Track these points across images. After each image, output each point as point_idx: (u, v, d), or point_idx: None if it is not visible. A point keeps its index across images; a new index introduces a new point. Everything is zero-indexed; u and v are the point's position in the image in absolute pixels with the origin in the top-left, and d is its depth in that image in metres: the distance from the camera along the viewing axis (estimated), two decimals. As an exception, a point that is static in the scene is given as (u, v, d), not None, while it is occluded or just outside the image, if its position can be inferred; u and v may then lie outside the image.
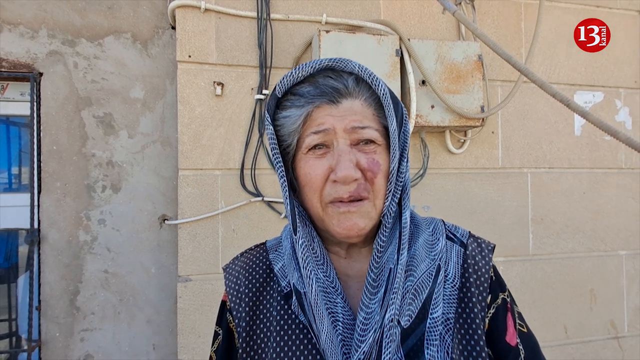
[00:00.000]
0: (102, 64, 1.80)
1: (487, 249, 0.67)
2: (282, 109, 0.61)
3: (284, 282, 0.64)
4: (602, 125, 1.06)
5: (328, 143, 0.59)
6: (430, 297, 0.60)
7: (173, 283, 1.80)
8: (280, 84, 0.60)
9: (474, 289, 0.62)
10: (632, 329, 2.17)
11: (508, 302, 0.66)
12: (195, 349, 1.65)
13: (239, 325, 0.64)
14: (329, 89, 0.59)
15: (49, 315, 1.74)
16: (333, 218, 0.59)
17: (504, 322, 0.64)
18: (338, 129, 0.58)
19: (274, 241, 0.71)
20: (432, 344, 0.57)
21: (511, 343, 0.63)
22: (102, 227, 1.79)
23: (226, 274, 0.70)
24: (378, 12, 1.88)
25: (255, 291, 0.65)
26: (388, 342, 0.55)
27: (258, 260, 0.69)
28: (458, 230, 0.69)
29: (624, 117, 2.20)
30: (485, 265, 0.65)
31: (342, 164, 0.57)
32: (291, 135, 0.61)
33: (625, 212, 2.17)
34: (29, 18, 1.74)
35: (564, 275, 2.07)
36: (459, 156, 1.96)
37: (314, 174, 0.59)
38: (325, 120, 0.58)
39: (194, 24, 1.70)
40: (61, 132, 1.76)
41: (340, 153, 0.58)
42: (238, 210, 1.73)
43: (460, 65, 1.80)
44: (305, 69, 0.59)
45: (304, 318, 0.60)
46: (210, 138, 1.71)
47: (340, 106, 0.58)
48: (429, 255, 0.63)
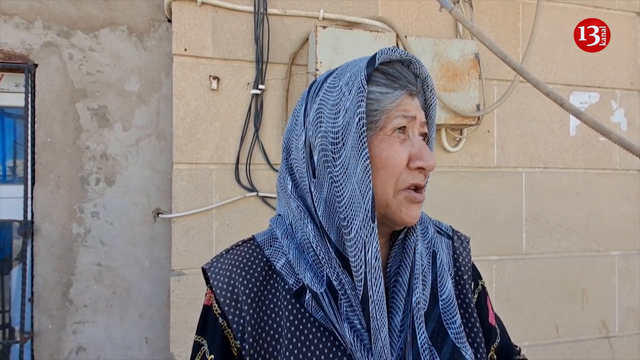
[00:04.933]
0: (97, 56, 1.79)
1: (466, 241, 0.75)
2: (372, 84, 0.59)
3: (291, 280, 0.60)
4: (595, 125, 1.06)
5: (406, 131, 0.60)
6: (436, 281, 0.64)
7: (166, 277, 1.80)
8: (379, 57, 0.59)
9: (465, 276, 0.69)
10: (623, 329, 2.18)
11: (485, 287, 0.74)
12: (187, 343, 1.66)
13: (240, 330, 0.58)
14: (412, 81, 0.61)
15: (41, 307, 1.74)
16: (403, 205, 0.59)
17: (485, 304, 0.72)
18: (418, 119, 0.61)
19: (265, 236, 0.67)
20: (452, 321, 0.61)
21: (492, 323, 0.71)
22: (96, 220, 1.78)
23: (211, 274, 0.62)
24: (376, 9, 1.87)
25: (256, 291, 0.60)
26: (419, 323, 0.58)
27: (252, 257, 0.63)
28: (442, 224, 0.75)
29: (619, 118, 2.20)
30: (467, 255, 0.72)
31: (428, 152, 0.60)
32: (382, 113, 0.58)
33: (619, 212, 2.19)
34: (25, 9, 1.73)
35: (556, 275, 2.09)
36: (454, 154, 1.96)
37: (398, 158, 0.58)
38: (410, 108, 0.60)
39: (190, 17, 1.69)
40: (55, 124, 1.76)
41: (422, 143, 0.61)
42: (232, 205, 1.73)
43: (457, 63, 1.80)
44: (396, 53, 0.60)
45: (319, 317, 0.58)
46: (206, 132, 1.71)
47: (415, 100, 0.62)
48: (424, 243, 0.67)
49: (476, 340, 0.64)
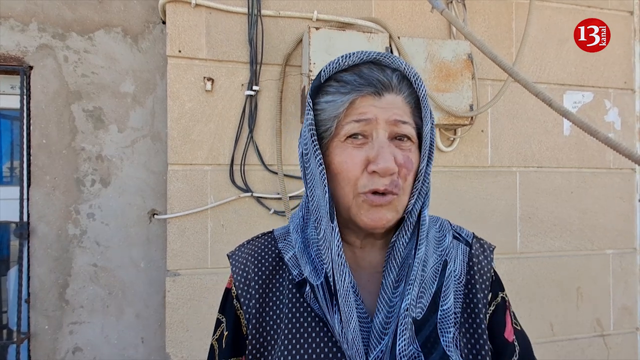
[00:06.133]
0: (92, 58, 1.80)
1: (489, 250, 0.71)
2: (324, 94, 0.62)
3: (295, 271, 0.65)
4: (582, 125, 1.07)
5: (367, 134, 0.60)
6: (440, 290, 0.63)
7: (162, 277, 1.81)
8: (325, 69, 0.61)
9: (478, 286, 0.66)
10: (618, 327, 2.19)
11: (507, 300, 0.70)
12: (183, 343, 1.67)
13: (248, 312, 0.65)
14: (375, 80, 0.60)
15: (38, 308, 1.75)
16: (362, 208, 0.60)
17: (503, 318, 0.67)
18: (380, 120, 0.59)
19: (282, 230, 0.72)
20: (447, 331, 0.60)
21: (508, 339, 0.66)
22: (92, 221, 1.79)
23: (232, 260, 0.70)
24: (369, 10, 1.88)
25: (265, 279, 0.66)
26: (402, 329, 0.58)
27: (267, 249, 0.69)
28: (463, 230, 0.73)
29: (613, 117, 2.21)
30: (487, 265, 0.69)
31: (384, 155, 0.58)
32: (331, 121, 0.61)
33: (613, 211, 2.19)
34: (20, 11, 1.74)
35: (550, 273, 2.09)
36: (449, 154, 1.97)
37: (351, 162, 0.59)
38: (369, 110, 0.59)
39: (184, 19, 1.70)
40: (51, 126, 1.77)
41: (382, 145, 0.59)
42: (227, 206, 1.74)
43: (450, 63, 1.81)
44: (352, 58, 0.60)
45: (316, 308, 0.62)
46: (200, 133, 1.72)
47: (383, 99, 0.60)
48: (437, 251, 0.67)
49: (473, 352, 0.62)
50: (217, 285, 1.70)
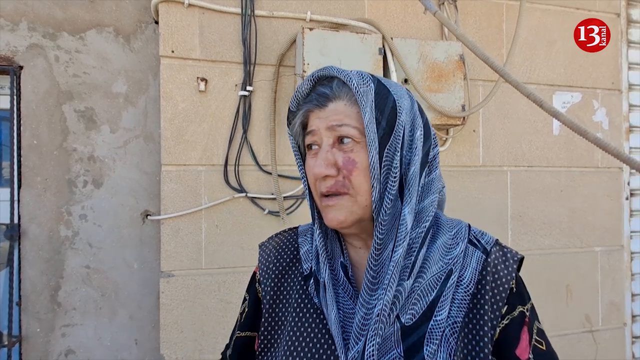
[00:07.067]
0: (83, 58, 1.78)
1: (513, 259, 0.67)
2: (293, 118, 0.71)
3: (306, 265, 0.71)
4: (573, 125, 1.09)
5: (319, 143, 0.65)
6: (438, 300, 0.61)
7: (155, 278, 1.80)
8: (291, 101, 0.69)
9: (488, 297, 0.62)
10: (606, 323, 2.24)
11: (527, 316, 0.64)
12: (177, 344, 1.66)
13: (265, 297, 0.72)
14: (317, 95, 0.65)
15: (29, 310, 1.73)
16: (323, 210, 0.66)
17: (517, 334, 0.63)
18: (322, 129, 0.64)
19: (306, 226, 0.79)
20: (432, 342, 0.59)
21: (521, 357, 0.62)
22: (84, 223, 1.78)
23: (260, 250, 0.78)
24: (362, 11, 1.89)
25: (281, 269, 0.73)
26: (372, 334, 0.58)
27: (288, 242, 0.77)
28: (484, 236, 0.69)
29: (601, 117, 2.25)
30: (507, 275, 0.64)
31: (317, 162, 0.63)
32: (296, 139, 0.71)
33: (601, 210, 2.24)
34: (9, 11, 1.71)
35: (540, 271, 2.13)
36: (441, 154, 1.99)
37: (309, 171, 0.66)
38: (314, 122, 0.65)
39: (177, 19, 1.69)
40: (42, 127, 1.75)
41: (320, 152, 0.64)
42: (221, 206, 1.74)
43: (442, 64, 1.83)
44: (305, 84, 0.67)
45: (317, 300, 0.66)
46: (194, 134, 1.71)
47: (326, 109, 0.64)
48: (443, 259, 0.64)
49: None
50: (211, 286, 1.70)
